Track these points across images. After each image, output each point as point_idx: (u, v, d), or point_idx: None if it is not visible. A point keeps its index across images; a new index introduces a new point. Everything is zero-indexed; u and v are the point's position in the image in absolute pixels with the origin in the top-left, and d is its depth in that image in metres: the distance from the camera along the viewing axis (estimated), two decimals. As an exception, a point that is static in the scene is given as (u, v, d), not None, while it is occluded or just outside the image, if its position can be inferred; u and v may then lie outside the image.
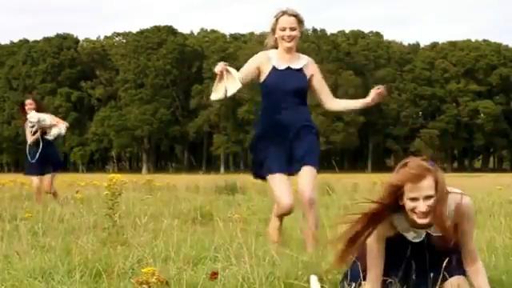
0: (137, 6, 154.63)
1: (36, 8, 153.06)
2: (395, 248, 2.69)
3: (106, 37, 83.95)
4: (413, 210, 2.55)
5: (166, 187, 12.61)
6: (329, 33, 78.64)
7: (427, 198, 2.51)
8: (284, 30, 4.16)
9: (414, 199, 2.52)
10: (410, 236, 2.69)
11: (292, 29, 4.18)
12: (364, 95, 4.29)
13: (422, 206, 2.51)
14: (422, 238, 2.68)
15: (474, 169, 78.16)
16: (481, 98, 76.87)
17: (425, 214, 2.53)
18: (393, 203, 2.58)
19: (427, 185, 2.51)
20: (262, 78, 4.20)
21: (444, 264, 2.65)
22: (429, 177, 2.51)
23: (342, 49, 77.17)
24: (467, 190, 2.96)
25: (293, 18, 4.18)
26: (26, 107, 8.01)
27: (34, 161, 7.92)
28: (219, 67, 4.01)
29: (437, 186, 2.53)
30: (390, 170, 2.88)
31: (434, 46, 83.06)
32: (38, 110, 8.04)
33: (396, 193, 2.55)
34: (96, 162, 78.23)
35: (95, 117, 76.92)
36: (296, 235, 4.55)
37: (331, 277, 3.03)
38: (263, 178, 4.24)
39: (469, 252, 2.73)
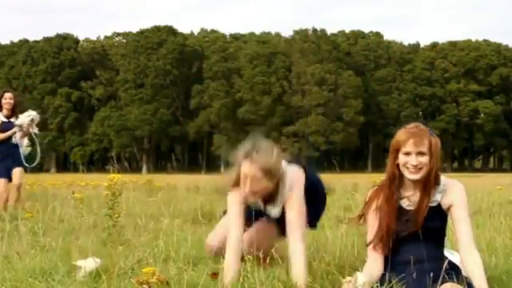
0: (137, 6, 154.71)
1: (36, 8, 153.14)
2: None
3: (106, 37, 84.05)
4: (405, 164, 2.73)
5: (166, 187, 12.60)
6: (329, 33, 78.69)
7: (419, 153, 2.70)
8: (245, 178, 3.04)
9: (407, 153, 2.72)
10: (404, 204, 2.80)
11: (255, 180, 3.01)
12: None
13: (414, 159, 2.70)
14: (415, 207, 2.79)
15: (474, 169, 78.15)
16: (481, 98, 76.88)
17: (415, 169, 2.71)
18: (395, 163, 2.77)
19: (421, 142, 2.70)
20: None
21: (444, 266, 2.67)
22: (424, 137, 2.72)
23: (342, 49, 77.17)
24: (467, 189, 2.97)
25: (258, 170, 3.01)
26: (4, 100, 7.50)
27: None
28: None
29: (430, 148, 2.71)
30: (390, 170, 2.94)
31: (434, 45, 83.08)
32: (15, 107, 7.54)
33: (396, 149, 2.75)
34: (96, 162, 78.19)
35: (95, 117, 76.94)
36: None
37: (331, 277, 3.03)
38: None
39: (464, 241, 2.75)
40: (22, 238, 4.16)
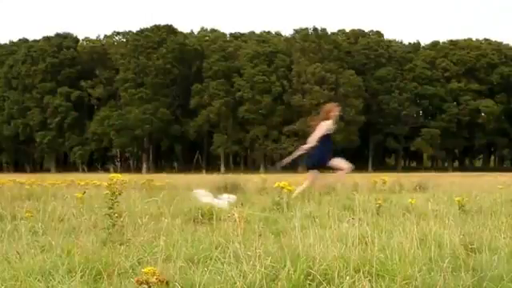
0: (137, 6, 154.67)
1: (36, 8, 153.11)
2: None
3: (105, 36, 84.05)
4: None
5: (166, 187, 12.58)
6: (329, 32, 78.70)
7: None
8: None
9: None
10: None
11: None
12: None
13: None
14: None
15: (474, 168, 78.12)
16: (482, 97, 76.84)
17: None
18: None
19: None
20: None
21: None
22: None
23: (342, 48, 77.13)
24: (468, 189, 2.95)
25: None
26: None
27: None
28: None
29: None
30: (390, 169, 2.89)
31: (435, 44, 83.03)
32: None
33: None
34: (96, 162, 78.20)
35: (95, 116, 76.91)
36: (295, 234, 4.53)
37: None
38: None
39: None
40: (22, 237, 4.15)
